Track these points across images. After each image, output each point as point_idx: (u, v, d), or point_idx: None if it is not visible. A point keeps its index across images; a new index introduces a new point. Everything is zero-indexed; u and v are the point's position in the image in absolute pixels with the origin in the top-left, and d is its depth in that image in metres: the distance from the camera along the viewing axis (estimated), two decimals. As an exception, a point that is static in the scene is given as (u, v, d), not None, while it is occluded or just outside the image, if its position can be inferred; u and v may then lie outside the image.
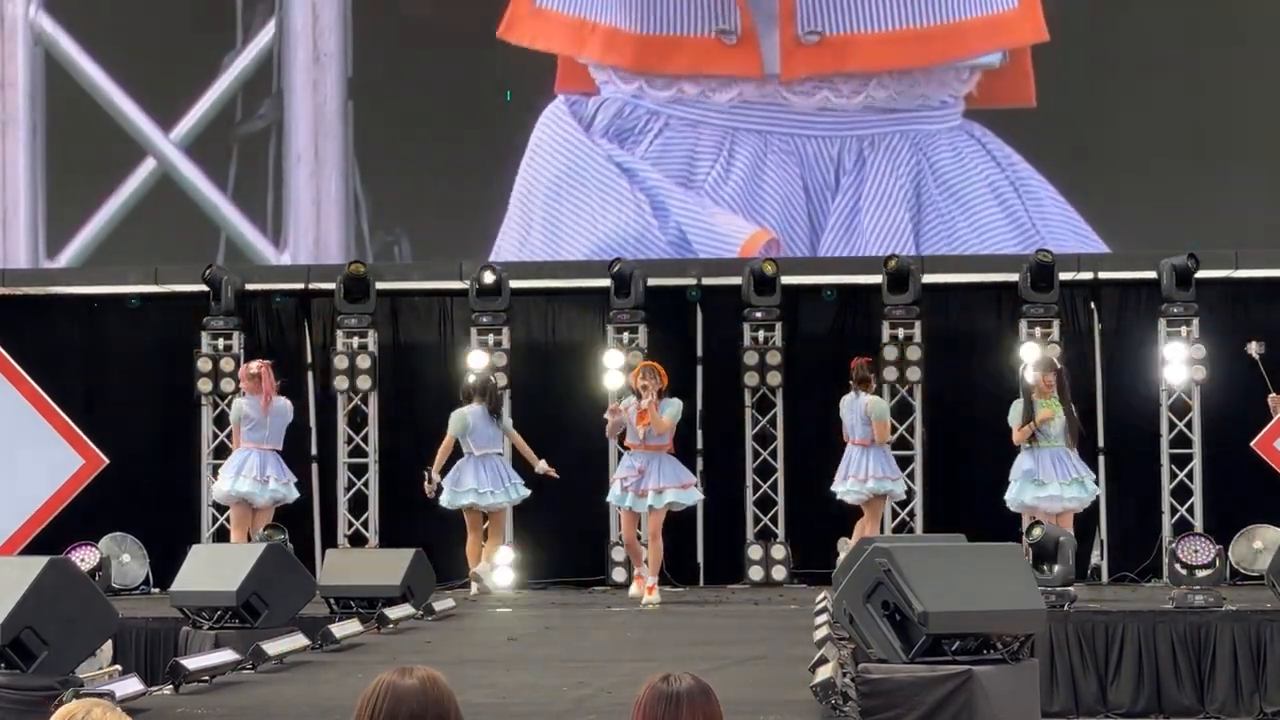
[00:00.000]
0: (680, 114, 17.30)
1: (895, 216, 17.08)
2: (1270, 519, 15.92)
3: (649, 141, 17.31)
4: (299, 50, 17.81)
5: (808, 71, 17.09)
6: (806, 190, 17.21)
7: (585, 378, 17.09)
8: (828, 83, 17.09)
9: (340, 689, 9.37)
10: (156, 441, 17.49)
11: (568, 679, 9.53)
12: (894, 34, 17.06)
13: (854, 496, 15.45)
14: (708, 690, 4.68)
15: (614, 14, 17.32)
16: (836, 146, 17.12)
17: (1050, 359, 14.89)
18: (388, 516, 17.12)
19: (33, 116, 17.96)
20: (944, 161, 17.11)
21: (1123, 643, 13.28)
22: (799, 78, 17.05)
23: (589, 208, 17.36)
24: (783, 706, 8.34)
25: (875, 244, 17.09)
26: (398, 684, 4.48)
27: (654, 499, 15.02)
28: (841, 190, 17.13)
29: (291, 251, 17.79)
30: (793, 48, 17.00)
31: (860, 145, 17.11)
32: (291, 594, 12.11)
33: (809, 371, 17.07)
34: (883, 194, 17.10)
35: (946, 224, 17.13)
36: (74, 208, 17.90)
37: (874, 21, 16.98)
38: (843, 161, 17.08)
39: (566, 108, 17.46)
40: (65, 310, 17.95)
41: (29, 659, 8.99)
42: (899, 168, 17.13)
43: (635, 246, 17.20)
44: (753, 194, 17.24)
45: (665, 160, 17.33)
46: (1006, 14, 17.16)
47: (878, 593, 8.96)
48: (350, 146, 17.74)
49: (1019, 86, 17.08)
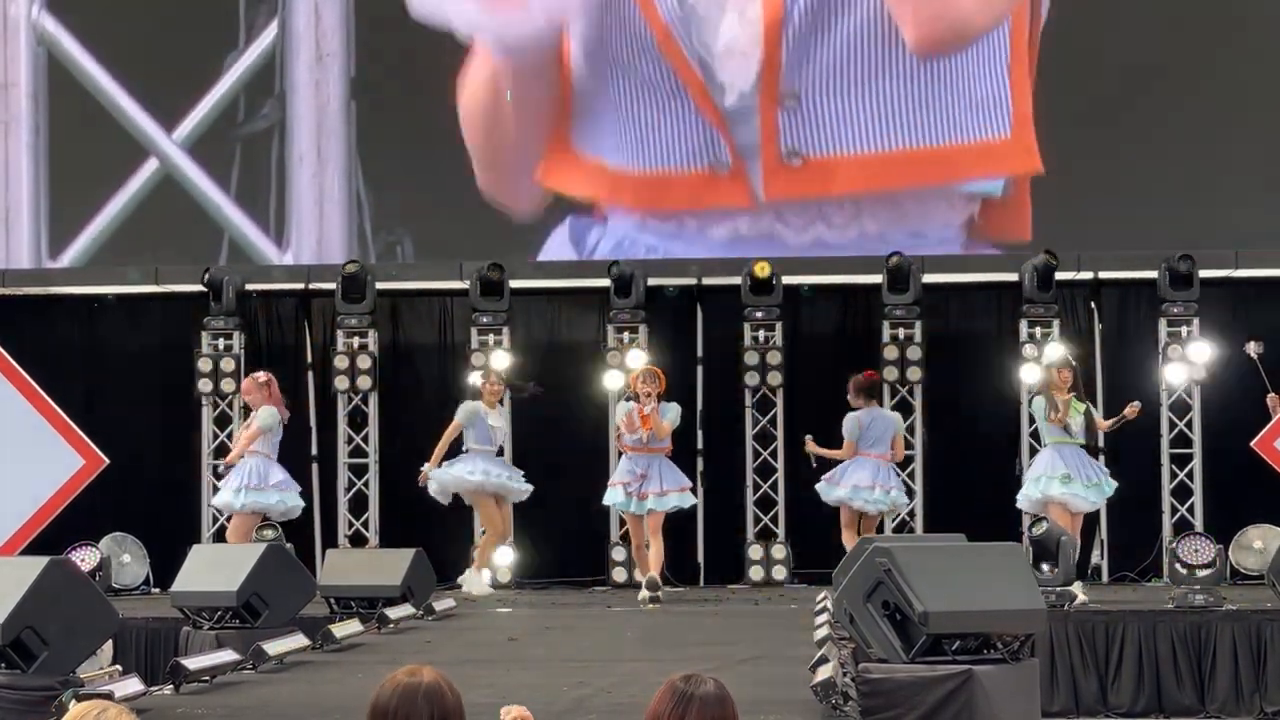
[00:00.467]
0: (680, 250, 17.29)
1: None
2: (1270, 519, 15.92)
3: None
4: (301, 50, 17.82)
5: (791, 193, 17.00)
6: None
7: (585, 378, 17.09)
8: (820, 215, 17.04)
9: (341, 689, 9.38)
10: (156, 441, 17.50)
11: (568, 679, 9.53)
12: (879, 156, 16.90)
13: (876, 507, 15.49)
14: (725, 698, 4.67)
15: (613, 153, 17.31)
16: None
17: (1066, 355, 14.86)
18: (388, 516, 17.12)
19: (35, 117, 17.97)
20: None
21: (1123, 643, 13.27)
22: (782, 199, 17.01)
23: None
24: (783, 706, 8.34)
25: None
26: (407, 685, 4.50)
27: (655, 502, 15.07)
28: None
29: (294, 251, 17.80)
30: (775, 168, 16.95)
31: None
32: (292, 594, 12.11)
33: (809, 371, 17.07)
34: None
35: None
36: (77, 208, 17.91)
37: (858, 144, 16.89)
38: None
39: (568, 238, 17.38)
40: (65, 310, 17.96)
41: (29, 659, 8.98)
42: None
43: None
44: None
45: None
46: (999, 142, 16.95)
47: (878, 592, 8.96)
48: (353, 146, 17.74)
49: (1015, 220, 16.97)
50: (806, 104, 16.90)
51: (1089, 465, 14.42)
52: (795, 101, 16.80)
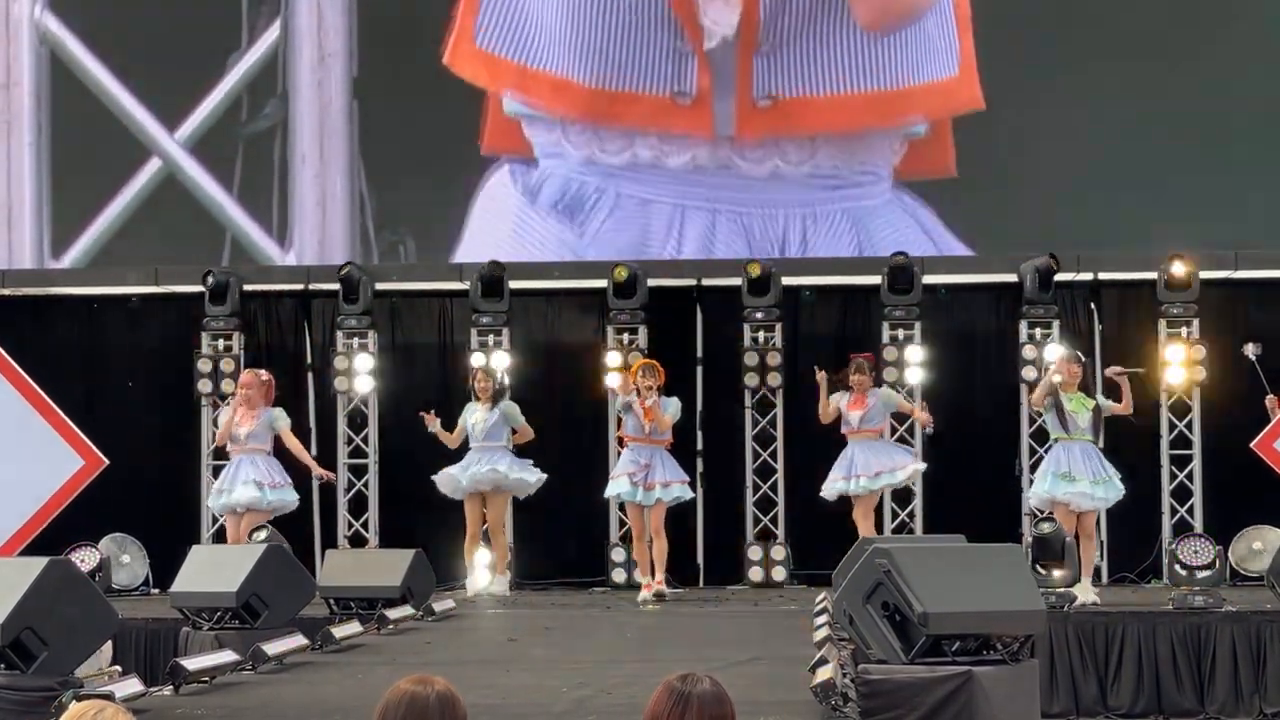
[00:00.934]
0: (631, 191, 17.31)
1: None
2: (1270, 519, 15.92)
3: (600, 221, 17.35)
4: (304, 50, 17.82)
5: (761, 134, 17.19)
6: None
7: (585, 378, 17.09)
8: (778, 150, 17.18)
9: (340, 690, 9.37)
10: (156, 441, 17.50)
11: (568, 679, 9.52)
12: (843, 98, 17.21)
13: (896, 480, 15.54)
14: (723, 697, 4.67)
15: (564, 65, 17.35)
16: (780, 224, 17.27)
17: (1076, 352, 14.84)
18: (388, 517, 17.13)
19: (38, 116, 17.98)
20: (882, 235, 17.26)
21: (1123, 643, 13.28)
22: (754, 139, 17.10)
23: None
24: (783, 707, 8.33)
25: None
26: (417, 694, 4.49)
27: (661, 492, 15.12)
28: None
29: (296, 251, 17.80)
30: (749, 110, 17.13)
31: (803, 220, 17.25)
32: (291, 595, 12.10)
33: (808, 372, 17.04)
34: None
35: None
36: (79, 208, 17.92)
37: (824, 85, 17.12)
38: (787, 235, 17.24)
39: (510, 180, 17.43)
40: (65, 310, 17.95)
41: (29, 659, 8.98)
42: (840, 240, 17.25)
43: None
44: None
45: (617, 240, 17.38)
46: (947, 81, 17.31)
47: (878, 593, 8.96)
48: (355, 146, 17.75)
49: (940, 157, 17.22)
50: (780, 50, 17.12)
51: (1097, 462, 14.37)
52: (770, 48, 17.04)
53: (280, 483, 15.10)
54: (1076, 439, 14.28)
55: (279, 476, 15.10)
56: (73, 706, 4.59)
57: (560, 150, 17.46)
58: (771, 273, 16.78)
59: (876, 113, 17.26)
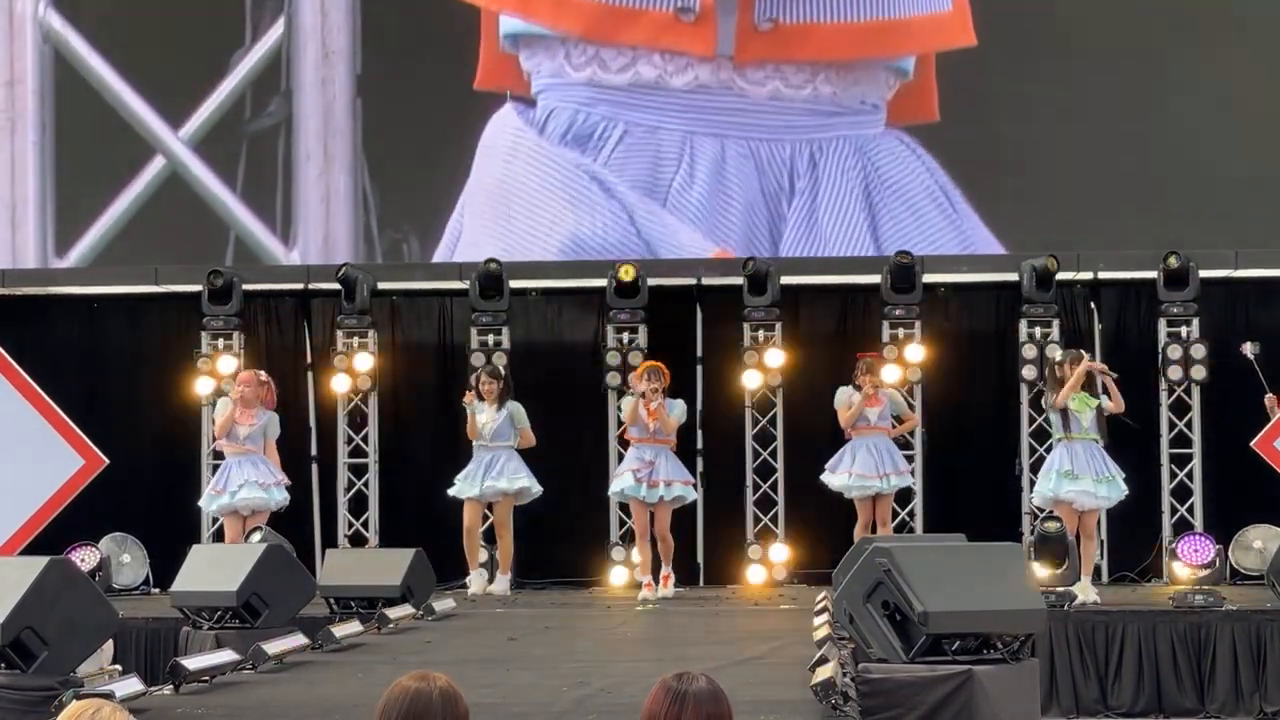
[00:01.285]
0: (638, 119, 17.32)
1: (852, 217, 17.26)
2: (1270, 518, 15.92)
3: (610, 150, 17.35)
4: (308, 48, 17.82)
5: (760, 56, 17.28)
6: (764, 195, 17.30)
7: (585, 378, 17.08)
8: (779, 73, 17.22)
9: (340, 689, 9.37)
10: (156, 441, 17.49)
11: (568, 679, 9.52)
12: (843, 26, 17.31)
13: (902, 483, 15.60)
14: (719, 694, 4.68)
15: None
16: (789, 150, 17.27)
17: (1080, 351, 14.83)
18: (388, 517, 17.12)
19: (41, 114, 17.98)
20: (886, 165, 17.32)
21: (1123, 643, 13.28)
22: (752, 61, 17.15)
23: (562, 215, 17.35)
24: (783, 706, 8.33)
25: (835, 244, 17.26)
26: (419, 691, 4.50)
27: (664, 490, 15.15)
28: (797, 193, 17.26)
29: (300, 250, 17.80)
30: (749, 32, 17.21)
31: (810, 149, 17.27)
32: (291, 594, 12.11)
33: (808, 372, 17.06)
34: (838, 195, 17.29)
35: (899, 226, 17.23)
36: (83, 206, 17.92)
37: (825, 12, 17.20)
38: (795, 165, 17.24)
39: (516, 115, 17.44)
40: (65, 310, 17.95)
41: (29, 659, 8.99)
42: (849, 170, 17.30)
43: (618, 254, 17.22)
44: (717, 202, 17.39)
45: (628, 168, 17.38)
46: (943, 15, 17.44)
47: (878, 593, 8.97)
48: (359, 144, 17.75)
49: (923, 102, 17.29)
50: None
51: (1100, 461, 14.36)
52: None
53: (278, 482, 15.14)
54: (1079, 438, 14.28)
55: (276, 476, 15.13)
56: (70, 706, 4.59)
57: (561, 74, 17.44)
58: (769, 271, 16.78)
59: (874, 43, 17.35)
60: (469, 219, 17.49)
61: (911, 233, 17.22)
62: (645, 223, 17.29)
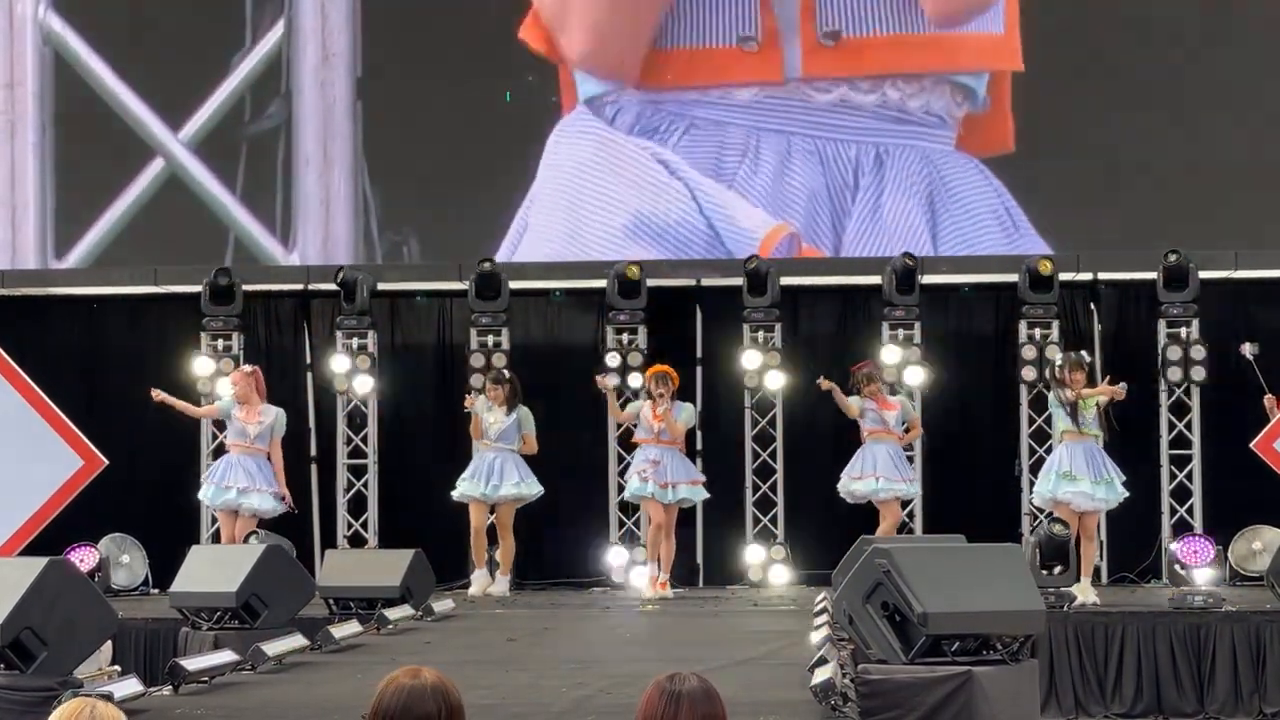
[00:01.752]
0: (704, 114, 17.38)
1: (913, 218, 17.26)
2: (1270, 519, 15.92)
3: (676, 139, 17.42)
4: (308, 50, 17.82)
5: (825, 73, 17.37)
6: (828, 188, 17.33)
7: (585, 378, 17.08)
8: (847, 81, 17.29)
9: (339, 690, 9.37)
10: (156, 441, 17.48)
11: (567, 679, 9.52)
12: (901, 38, 17.37)
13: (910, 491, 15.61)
14: (712, 693, 4.68)
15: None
16: (854, 150, 17.32)
17: (1081, 355, 14.83)
18: (387, 517, 17.12)
19: (41, 116, 17.98)
20: (952, 177, 17.36)
21: (1122, 643, 13.27)
22: (817, 76, 17.27)
23: (626, 195, 17.39)
24: (782, 707, 8.33)
25: (897, 242, 17.22)
26: (411, 685, 4.51)
27: (671, 493, 15.20)
28: (862, 189, 17.28)
29: (300, 251, 17.79)
30: (814, 48, 17.31)
31: (877, 150, 17.28)
32: (291, 595, 12.11)
33: (809, 372, 17.05)
34: (902, 196, 17.32)
35: (959, 231, 17.23)
36: (82, 207, 17.92)
37: (883, 24, 17.19)
38: (861, 163, 17.29)
39: (586, 110, 17.50)
40: (65, 311, 17.95)
41: (29, 659, 8.98)
42: (913, 175, 17.29)
43: (678, 233, 17.24)
44: (780, 190, 17.41)
45: (694, 155, 17.43)
46: (996, 36, 17.48)
47: (877, 593, 8.97)
48: (359, 146, 17.74)
49: (999, 132, 17.35)
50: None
51: (1100, 463, 14.36)
52: None
53: (275, 491, 15.15)
54: (1086, 434, 14.28)
55: (274, 485, 15.13)
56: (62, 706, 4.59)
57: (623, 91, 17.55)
58: (770, 272, 16.78)
59: (933, 56, 17.40)
60: (536, 212, 17.48)
61: (970, 237, 17.22)
62: (706, 200, 17.33)
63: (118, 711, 4.62)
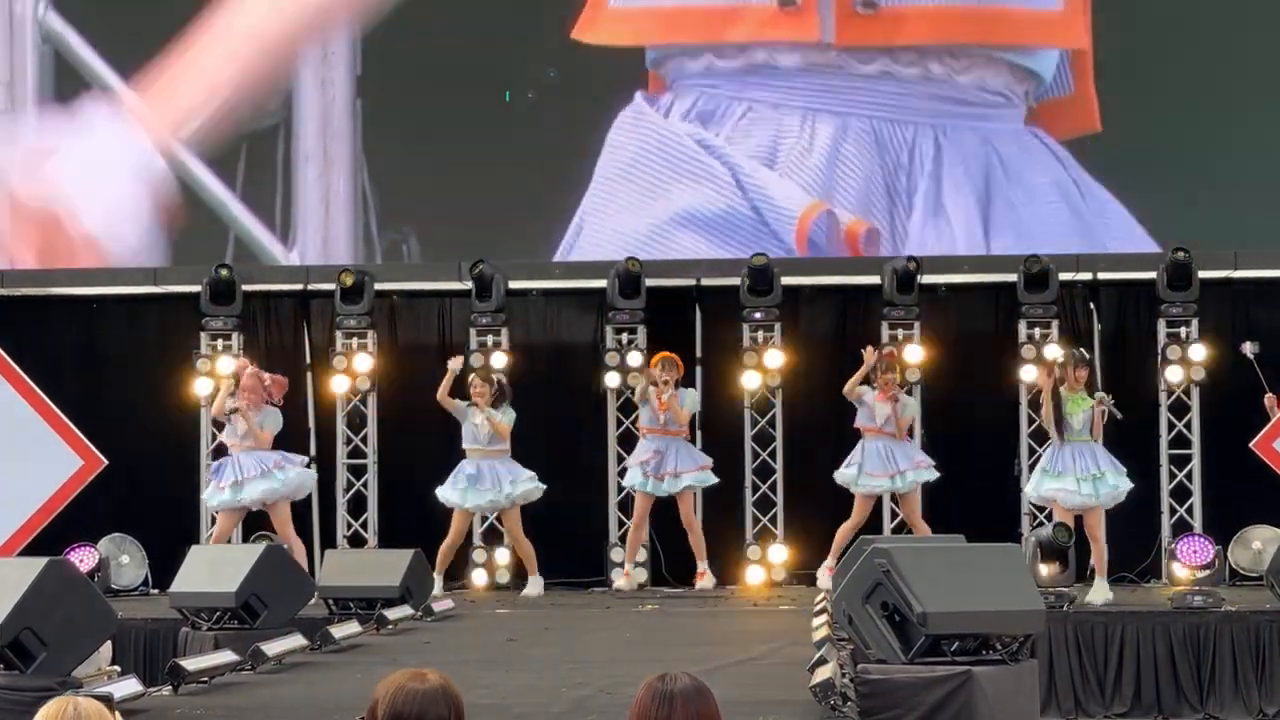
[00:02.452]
0: (761, 97, 17.36)
1: (967, 204, 17.22)
2: (1270, 519, 15.92)
3: (733, 123, 17.43)
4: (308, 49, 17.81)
5: (860, 41, 17.34)
6: (883, 169, 17.33)
7: (585, 378, 17.08)
8: (885, 50, 17.37)
9: (339, 690, 9.38)
10: (156, 441, 17.48)
11: (567, 679, 9.53)
12: (942, 9, 17.36)
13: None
14: (704, 690, 4.68)
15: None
16: (911, 132, 17.28)
17: (1081, 353, 14.83)
18: (387, 517, 17.12)
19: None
20: (1012, 155, 17.27)
21: (1122, 644, 13.28)
22: (852, 46, 17.25)
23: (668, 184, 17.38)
24: (782, 706, 8.34)
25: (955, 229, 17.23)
26: (413, 688, 4.50)
27: (670, 483, 15.32)
28: (926, 175, 17.25)
29: (300, 250, 17.78)
30: (849, 15, 17.27)
31: (935, 133, 17.26)
32: (290, 595, 12.12)
33: (808, 372, 17.06)
34: (958, 189, 17.25)
35: (1015, 215, 17.17)
36: (80, 207, 17.92)
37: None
38: (919, 145, 17.24)
39: (645, 103, 17.54)
40: (65, 311, 17.94)
41: (28, 660, 8.99)
42: (969, 159, 17.24)
43: (723, 220, 17.23)
44: (834, 169, 17.38)
45: (749, 139, 17.42)
46: (1051, 13, 17.42)
47: (877, 593, 8.97)
48: (359, 145, 17.73)
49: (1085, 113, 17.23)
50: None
51: (1089, 459, 14.35)
52: None
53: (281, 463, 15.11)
54: (1070, 440, 14.30)
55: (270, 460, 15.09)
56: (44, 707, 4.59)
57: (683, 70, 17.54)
58: (775, 271, 16.77)
59: (974, 28, 17.32)
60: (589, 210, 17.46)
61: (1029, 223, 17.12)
62: (748, 181, 17.34)
63: (101, 706, 4.63)
